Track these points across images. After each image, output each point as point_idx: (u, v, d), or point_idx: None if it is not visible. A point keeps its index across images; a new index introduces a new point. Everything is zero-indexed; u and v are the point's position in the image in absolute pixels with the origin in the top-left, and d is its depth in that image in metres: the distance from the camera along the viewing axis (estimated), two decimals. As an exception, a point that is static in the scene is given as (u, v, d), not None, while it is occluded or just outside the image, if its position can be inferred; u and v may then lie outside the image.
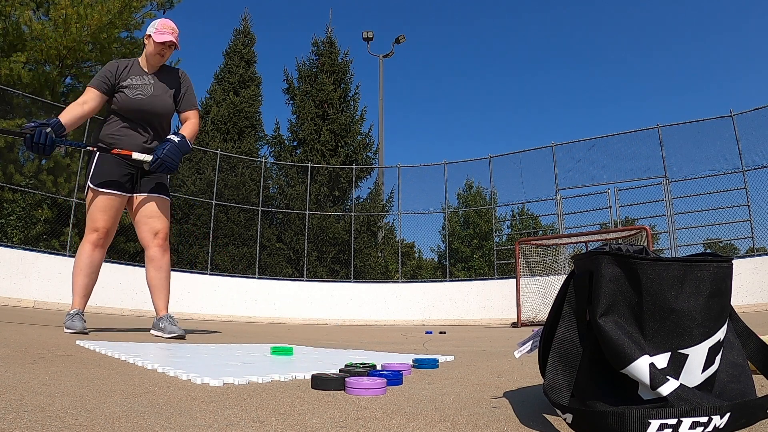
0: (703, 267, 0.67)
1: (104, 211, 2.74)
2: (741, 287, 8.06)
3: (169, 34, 2.80)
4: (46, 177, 10.80)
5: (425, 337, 3.84)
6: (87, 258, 2.73)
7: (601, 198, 10.71)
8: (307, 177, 13.50)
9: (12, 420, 0.66)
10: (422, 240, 31.64)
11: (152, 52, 2.83)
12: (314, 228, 13.46)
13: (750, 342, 0.80)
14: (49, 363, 1.29)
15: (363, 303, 10.94)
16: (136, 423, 0.67)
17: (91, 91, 2.74)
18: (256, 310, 10.46)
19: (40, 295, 8.24)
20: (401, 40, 17.51)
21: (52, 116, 2.71)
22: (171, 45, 2.83)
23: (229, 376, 1.10)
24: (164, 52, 2.84)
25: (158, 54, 2.83)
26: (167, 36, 2.80)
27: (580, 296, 0.75)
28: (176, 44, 2.84)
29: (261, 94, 15.85)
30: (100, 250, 2.77)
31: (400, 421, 0.74)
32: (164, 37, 2.79)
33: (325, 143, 15.00)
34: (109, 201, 2.76)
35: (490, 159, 12.09)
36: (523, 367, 1.52)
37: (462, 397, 0.97)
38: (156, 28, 2.82)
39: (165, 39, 2.78)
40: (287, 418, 0.74)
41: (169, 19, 2.89)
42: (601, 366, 0.71)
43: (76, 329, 2.54)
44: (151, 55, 2.85)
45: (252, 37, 16.53)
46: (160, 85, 2.88)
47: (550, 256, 9.98)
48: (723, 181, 9.49)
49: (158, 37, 2.79)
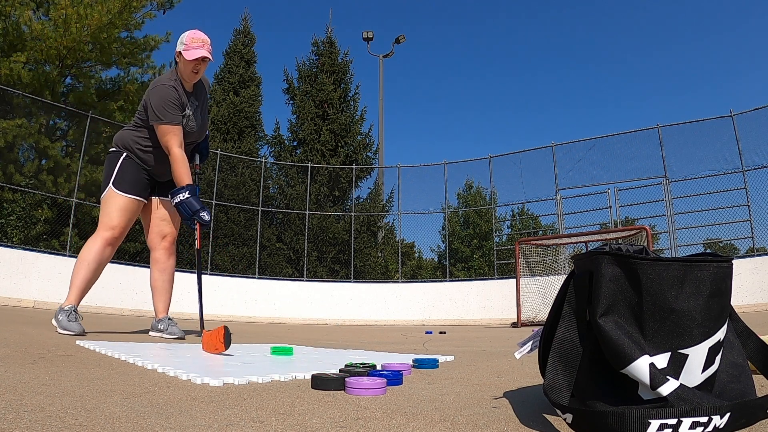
0: (703, 267, 0.67)
1: (123, 211, 2.69)
2: (741, 287, 8.06)
3: (200, 48, 2.58)
4: (46, 177, 10.80)
5: (425, 337, 3.83)
6: (97, 253, 2.64)
7: (601, 198, 10.71)
8: (307, 177, 13.49)
9: (12, 420, 0.66)
10: (422, 240, 31.64)
11: (186, 71, 2.63)
12: (314, 228, 13.46)
13: (750, 342, 0.80)
14: (49, 363, 1.29)
15: (363, 303, 10.94)
16: (136, 423, 0.67)
17: (177, 130, 2.60)
18: (256, 310, 10.46)
19: (40, 295, 8.23)
20: (401, 40, 17.50)
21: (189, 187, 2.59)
22: (204, 59, 2.61)
23: (229, 376, 1.10)
24: (198, 68, 2.63)
25: (192, 72, 2.63)
26: (199, 51, 2.57)
27: (580, 296, 0.75)
28: (209, 57, 2.62)
29: (261, 94, 15.86)
30: (111, 248, 2.70)
31: (400, 421, 0.74)
32: (196, 53, 2.57)
33: (325, 143, 15.00)
34: (131, 204, 2.72)
35: (490, 159, 12.09)
36: (523, 367, 1.52)
37: (462, 397, 0.97)
38: (185, 44, 2.59)
39: (197, 55, 2.57)
40: (287, 418, 0.74)
41: (197, 30, 2.65)
42: (601, 366, 0.71)
43: (74, 331, 2.42)
44: (185, 74, 2.64)
45: (252, 37, 16.53)
46: (198, 109, 2.76)
47: (550, 256, 9.98)
48: (723, 181, 9.49)
49: (189, 54, 2.57)
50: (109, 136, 11.71)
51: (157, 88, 2.60)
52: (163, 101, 2.57)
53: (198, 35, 2.62)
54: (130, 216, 2.73)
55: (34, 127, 10.93)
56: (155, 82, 2.67)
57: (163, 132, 2.59)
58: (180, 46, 2.62)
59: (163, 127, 2.58)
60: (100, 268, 2.69)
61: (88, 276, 2.64)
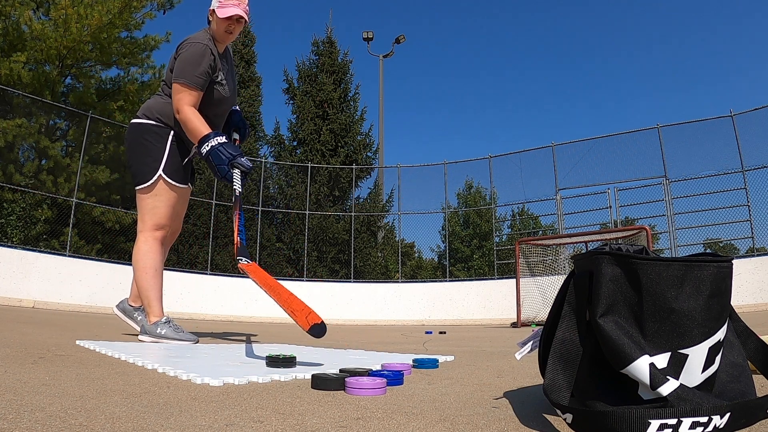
0: (703, 267, 0.67)
1: (173, 207, 2.40)
2: (741, 287, 8.06)
3: (235, 6, 2.31)
4: (46, 177, 10.80)
5: (425, 337, 3.83)
6: (158, 255, 2.38)
7: (601, 198, 10.71)
8: (307, 177, 13.49)
9: (12, 420, 0.66)
10: (422, 240, 31.66)
11: (219, 31, 2.35)
12: (314, 228, 13.46)
13: (750, 342, 0.80)
14: (49, 363, 1.29)
15: (363, 303, 10.94)
16: (136, 423, 0.67)
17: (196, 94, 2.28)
18: (256, 310, 10.45)
19: (40, 295, 8.23)
20: (401, 40, 17.50)
21: (216, 133, 2.21)
22: (239, 19, 2.33)
23: (229, 376, 1.10)
24: (232, 28, 2.35)
25: (226, 32, 2.35)
26: (233, 9, 2.30)
27: (580, 296, 0.75)
28: (245, 17, 2.34)
29: (261, 94, 15.85)
30: (165, 246, 2.47)
31: (400, 421, 0.74)
32: (230, 11, 2.30)
33: (325, 143, 15.00)
34: (185, 194, 2.46)
35: (490, 159, 12.09)
36: (523, 367, 1.52)
37: (462, 397, 0.97)
38: (220, 1, 2.33)
39: (231, 13, 2.29)
40: (287, 418, 0.74)
41: None
42: (601, 366, 0.71)
43: (190, 340, 2.25)
44: (218, 34, 2.36)
45: (252, 37, 16.53)
46: (229, 73, 2.50)
47: (550, 256, 9.98)
48: (723, 181, 9.49)
49: (222, 11, 2.30)
50: (110, 136, 11.72)
51: (193, 44, 2.30)
52: (195, 59, 2.27)
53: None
54: (178, 208, 2.44)
55: (34, 127, 10.93)
56: (189, 38, 2.35)
57: (179, 89, 2.26)
58: (214, 3, 2.36)
59: (185, 86, 2.25)
60: (162, 268, 2.43)
61: (160, 283, 2.39)
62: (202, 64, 2.27)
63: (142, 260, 2.34)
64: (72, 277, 8.72)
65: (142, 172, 2.34)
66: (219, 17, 2.32)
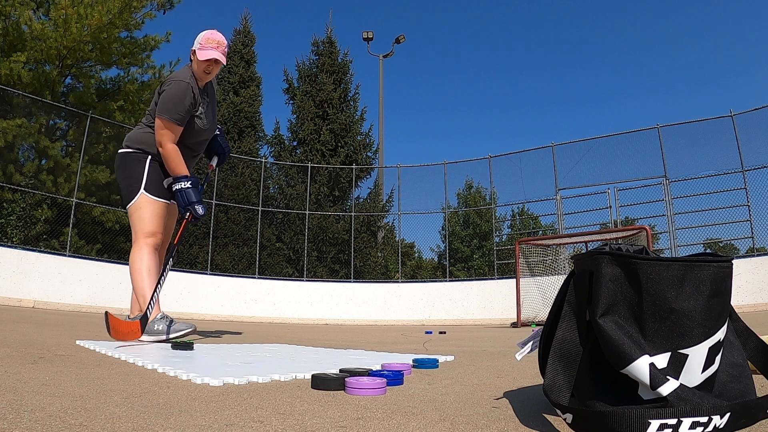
0: (703, 267, 0.67)
1: (160, 217, 2.63)
2: (741, 287, 8.06)
3: (213, 50, 2.56)
4: (46, 177, 10.79)
5: (425, 337, 3.83)
6: (152, 258, 2.55)
7: (601, 198, 10.71)
8: (307, 177, 13.49)
9: (12, 420, 0.66)
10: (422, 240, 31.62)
11: (198, 71, 2.60)
12: (314, 228, 13.46)
13: (750, 342, 0.80)
14: (49, 363, 1.29)
15: (363, 303, 10.94)
16: (136, 423, 0.67)
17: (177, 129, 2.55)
18: (256, 310, 10.46)
19: (40, 295, 8.23)
20: (401, 40, 17.50)
21: (192, 178, 2.57)
22: (217, 61, 2.59)
23: (229, 376, 1.10)
24: (210, 69, 2.60)
25: (204, 72, 2.60)
26: (211, 52, 2.55)
27: (580, 296, 0.75)
28: (222, 61, 2.60)
29: (261, 94, 15.85)
30: (157, 253, 2.63)
31: (400, 421, 0.74)
32: (209, 54, 2.54)
33: (325, 143, 15.00)
34: (166, 208, 2.66)
35: (490, 159, 12.09)
36: (523, 367, 1.52)
37: (462, 397, 0.97)
38: (200, 44, 2.57)
39: (209, 56, 2.54)
40: (287, 418, 0.74)
41: (215, 31, 2.63)
42: (601, 366, 0.71)
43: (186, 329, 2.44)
44: (198, 73, 2.61)
45: (252, 37, 16.53)
46: (209, 106, 2.73)
47: (550, 256, 9.98)
48: (723, 181, 9.49)
49: (202, 54, 2.55)
50: (110, 136, 11.72)
51: (176, 82, 2.55)
52: (177, 97, 2.51)
53: (214, 36, 2.60)
54: (165, 220, 2.67)
55: (34, 127, 10.93)
56: (173, 75, 2.61)
57: (161, 126, 2.52)
58: (196, 44, 2.59)
59: (166, 122, 2.51)
60: (157, 270, 2.57)
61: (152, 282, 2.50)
62: (184, 102, 2.53)
63: (136, 263, 2.55)
64: (72, 277, 8.73)
65: (128, 193, 2.63)
66: (199, 59, 2.57)
